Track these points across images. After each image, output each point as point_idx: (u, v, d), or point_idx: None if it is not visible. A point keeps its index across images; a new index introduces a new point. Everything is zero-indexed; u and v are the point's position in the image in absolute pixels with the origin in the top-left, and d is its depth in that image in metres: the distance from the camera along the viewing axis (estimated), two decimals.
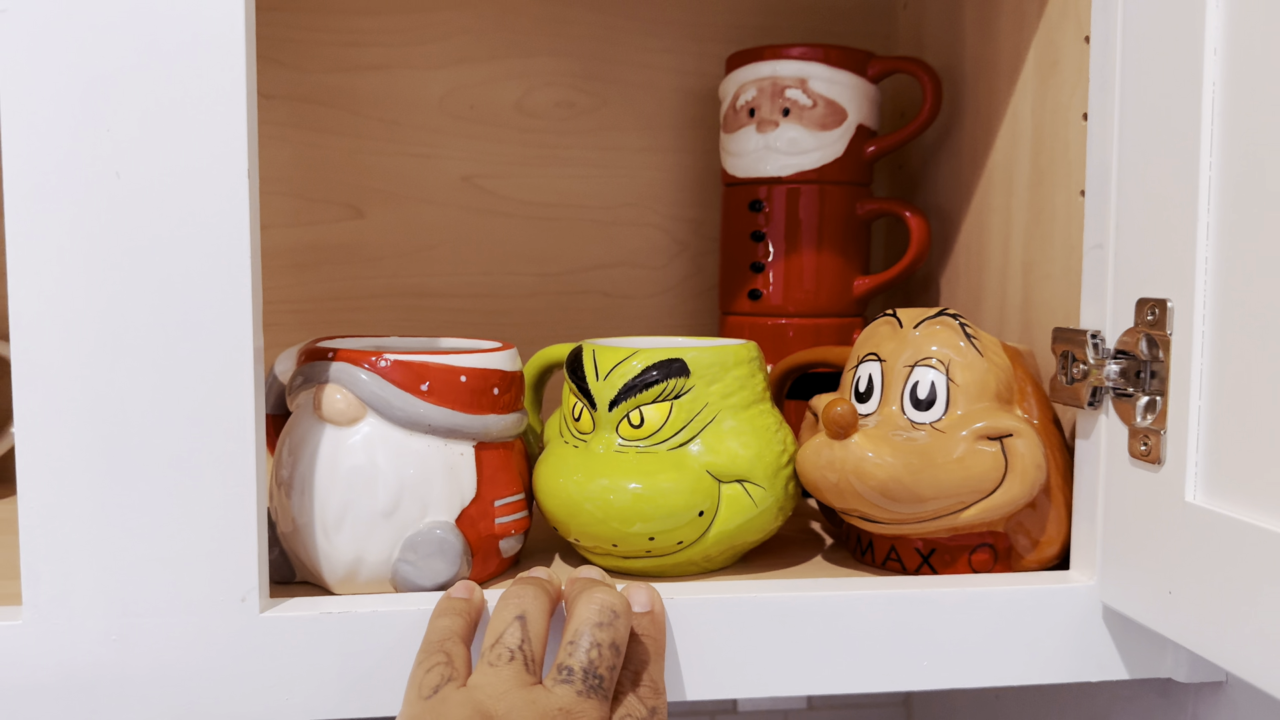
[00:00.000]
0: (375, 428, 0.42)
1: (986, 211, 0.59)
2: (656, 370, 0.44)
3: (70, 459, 0.37)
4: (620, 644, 0.37)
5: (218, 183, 0.37)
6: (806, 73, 0.60)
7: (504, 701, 0.35)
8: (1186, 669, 0.44)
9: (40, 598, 0.38)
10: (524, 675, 0.36)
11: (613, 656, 0.37)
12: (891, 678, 0.43)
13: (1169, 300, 0.38)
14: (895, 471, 0.42)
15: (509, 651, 0.36)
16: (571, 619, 0.38)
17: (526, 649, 0.37)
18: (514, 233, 0.72)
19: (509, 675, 0.36)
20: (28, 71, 0.36)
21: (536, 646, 0.37)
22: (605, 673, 0.36)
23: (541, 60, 0.71)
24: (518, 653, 0.36)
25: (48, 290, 0.37)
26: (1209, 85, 0.37)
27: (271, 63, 0.68)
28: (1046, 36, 0.52)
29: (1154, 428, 0.39)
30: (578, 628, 0.37)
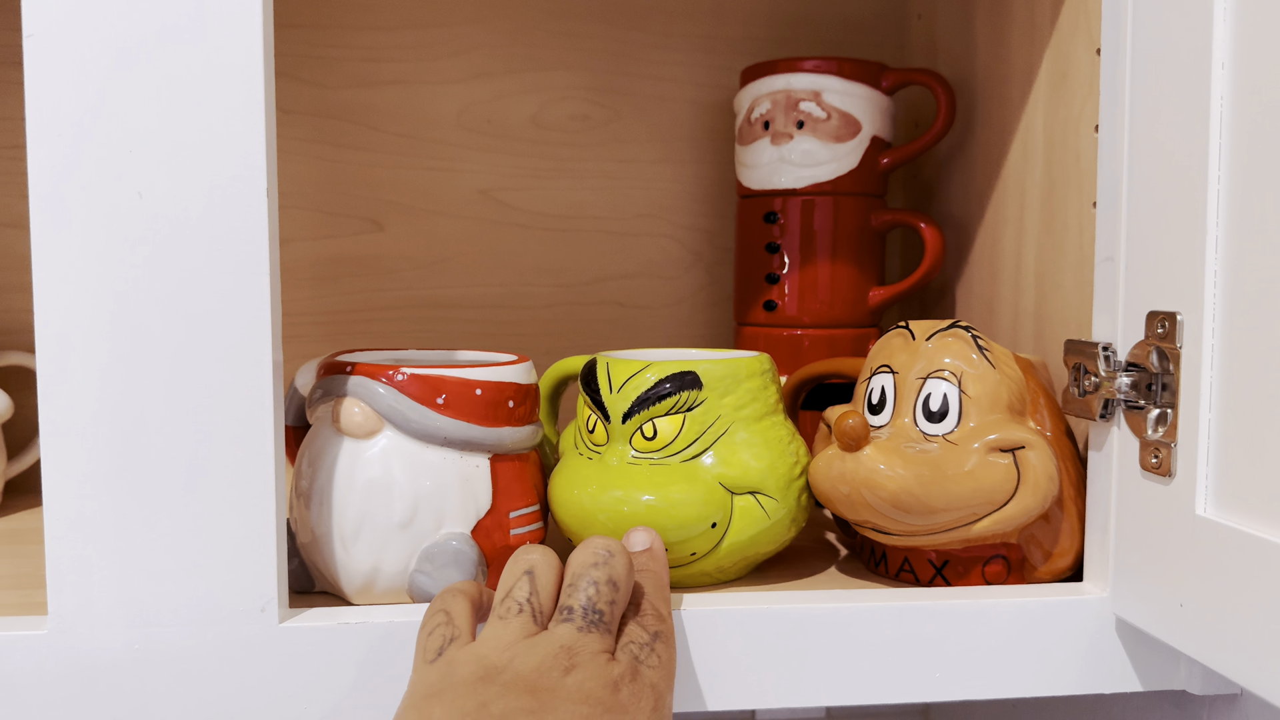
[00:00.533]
0: (392, 440, 0.43)
1: (999, 223, 0.59)
2: (669, 383, 0.45)
3: (94, 471, 0.38)
4: (618, 580, 0.38)
5: (238, 201, 0.38)
6: (821, 85, 0.61)
7: (508, 651, 0.35)
8: (1200, 681, 0.44)
9: (65, 607, 0.38)
10: (531, 626, 0.37)
11: (610, 592, 0.37)
12: (905, 689, 0.43)
13: (1179, 313, 0.38)
14: (907, 483, 0.42)
15: (517, 604, 0.37)
16: (569, 567, 0.39)
17: (535, 601, 0.37)
18: (530, 244, 0.73)
19: (516, 626, 0.36)
20: (53, 95, 0.37)
21: (545, 599, 0.38)
22: (605, 607, 0.37)
23: (556, 74, 0.72)
24: (526, 605, 0.37)
25: (72, 306, 0.38)
26: (1217, 99, 0.37)
27: (291, 79, 0.69)
28: (1058, 49, 0.52)
29: (1165, 440, 0.39)
30: (575, 571, 0.38)
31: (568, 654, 0.35)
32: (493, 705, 0.33)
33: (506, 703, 0.33)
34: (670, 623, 0.39)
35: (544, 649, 0.35)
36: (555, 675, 0.34)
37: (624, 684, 0.35)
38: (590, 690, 0.34)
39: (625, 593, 0.38)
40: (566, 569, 0.39)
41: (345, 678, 0.40)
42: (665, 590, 0.40)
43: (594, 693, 0.34)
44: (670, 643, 0.38)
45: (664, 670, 0.37)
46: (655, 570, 0.41)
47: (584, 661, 0.35)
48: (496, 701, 0.33)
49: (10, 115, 0.67)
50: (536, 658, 0.35)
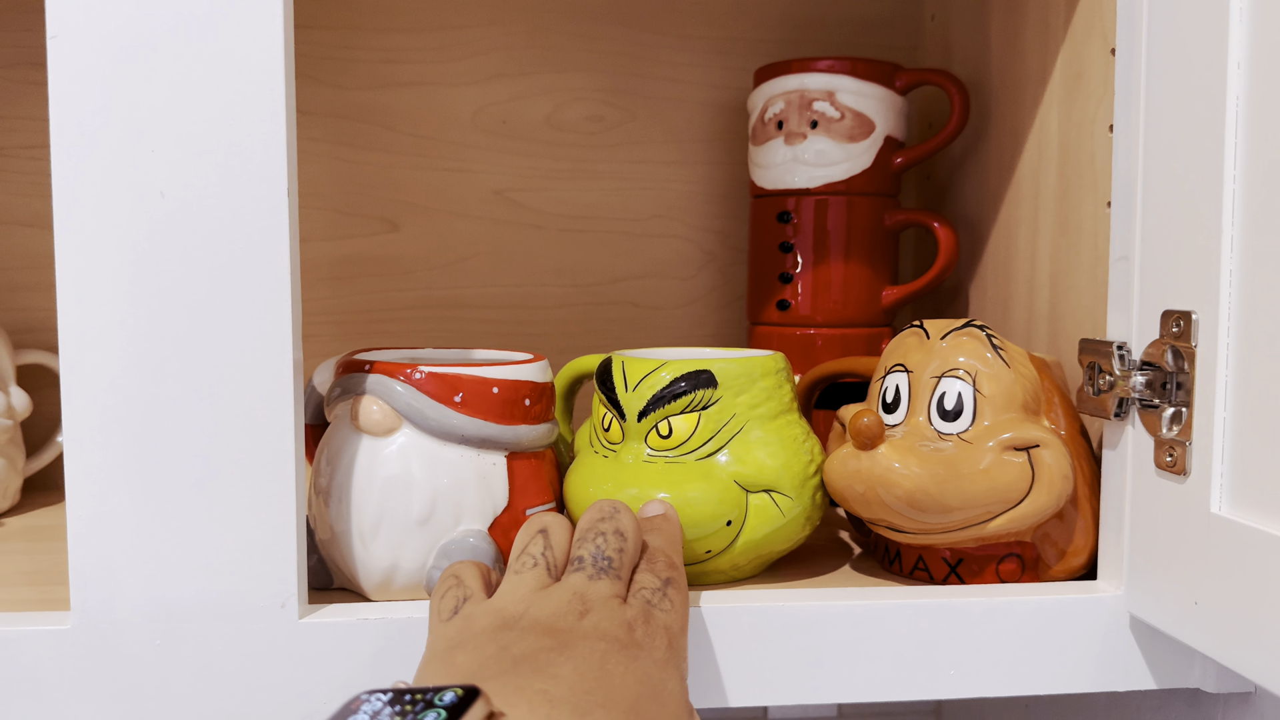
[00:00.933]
0: (410, 438, 0.43)
1: (1014, 223, 0.59)
2: (685, 381, 0.45)
3: (115, 468, 0.39)
4: (625, 531, 0.39)
5: (259, 200, 0.38)
6: (834, 85, 0.61)
7: (524, 602, 0.36)
8: (1214, 679, 0.44)
9: (87, 603, 0.39)
10: (545, 578, 0.38)
11: (618, 541, 0.39)
12: (919, 687, 0.43)
13: (1194, 312, 0.38)
14: (921, 482, 0.43)
15: (532, 559, 0.38)
16: (577, 527, 0.40)
17: (549, 555, 0.39)
18: (545, 245, 0.73)
19: (531, 579, 0.38)
20: (76, 95, 0.37)
21: (559, 555, 0.39)
22: (613, 554, 0.38)
23: (571, 76, 0.72)
24: (540, 559, 0.38)
25: (95, 305, 0.38)
26: (1232, 98, 0.37)
27: (309, 80, 0.70)
28: (1072, 49, 0.52)
29: (1179, 439, 0.39)
30: (583, 527, 0.39)
31: (581, 600, 0.36)
32: (514, 647, 0.34)
33: (527, 643, 0.34)
34: (682, 571, 0.40)
35: (558, 597, 0.36)
36: (571, 619, 0.35)
37: (638, 624, 0.36)
38: (606, 629, 0.35)
39: (633, 543, 0.39)
40: (575, 529, 0.40)
41: (365, 673, 0.40)
42: (677, 545, 0.41)
43: (610, 631, 0.35)
44: (682, 588, 0.39)
45: (677, 613, 0.38)
46: (668, 529, 0.42)
47: (597, 605, 0.36)
48: (517, 644, 0.34)
49: (31, 115, 0.68)
50: (551, 605, 0.36)
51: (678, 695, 0.35)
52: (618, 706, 0.32)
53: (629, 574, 0.39)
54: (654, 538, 0.41)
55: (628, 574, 0.39)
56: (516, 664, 0.33)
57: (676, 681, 0.35)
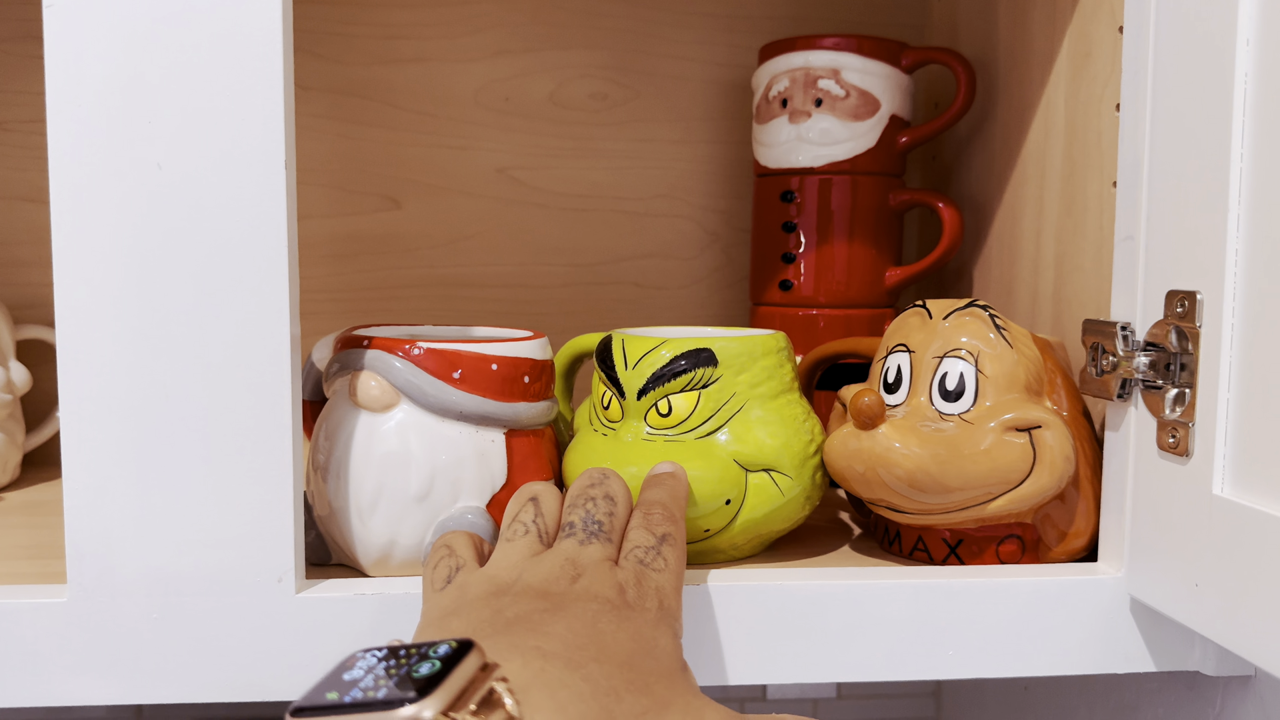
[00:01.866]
0: (409, 414, 0.43)
1: (1019, 203, 0.59)
2: (685, 360, 0.45)
3: (113, 442, 0.38)
4: (614, 495, 0.40)
5: (256, 174, 0.38)
6: (839, 63, 0.61)
7: (516, 569, 0.37)
8: (1214, 662, 0.44)
9: (84, 576, 0.39)
10: (537, 545, 0.38)
11: (608, 505, 0.39)
12: (917, 667, 0.43)
13: (1198, 292, 0.38)
14: (922, 462, 0.42)
15: (524, 526, 0.39)
16: (567, 495, 0.41)
17: (540, 523, 0.39)
18: (547, 224, 0.73)
19: (522, 546, 0.38)
20: (73, 66, 0.37)
21: (550, 522, 0.39)
22: (603, 518, 0.39)
23: (575, 53, 0.72)
24: (531, 526, 0.39)
25: (92, 279, 0.38)
26: (1241, 76, 0.36)
27: (310, 55, 0.70)
28: (1080, 27, 0.52)
29: (1182, 420, 0.39)
30: (573, 494, 0.40)
31: (572, 565, 0.36)
32: (507, 610, 0.34)
33: (520, 606, 0.34)
34: (681, 526, 0.40)
35: (550, 562, 0.37)
36: (563, 584, 0.36)
37: (629, 586, 0.36)
38: (598, 591, 0.35)
39: (624, 506, 0.40)
40: (566, 496, 0.41)
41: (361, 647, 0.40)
42: (681, 500, 0.42)
43: (601, 593, 0.35)
44: (678, 545, 0.39)
45: (670, 572, 0.38)
46: (671, 483, 0.42)
47: (588, 569, 0.36)
48: (510, 607, 0.34)
49: (30, 89, 0.67)
50: (544, 570, 0.36)
51: (670, 651, 0.35)
52: (611, 660, 0.32)
53: (620, 536, 0.39)
54: (655, 491, 0.41)
55: (619, 536, 0.39)
56: (510, 625, 0.33)
57: (669, 639, 0.35)
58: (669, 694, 0.32)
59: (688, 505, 0.44)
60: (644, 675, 0.32)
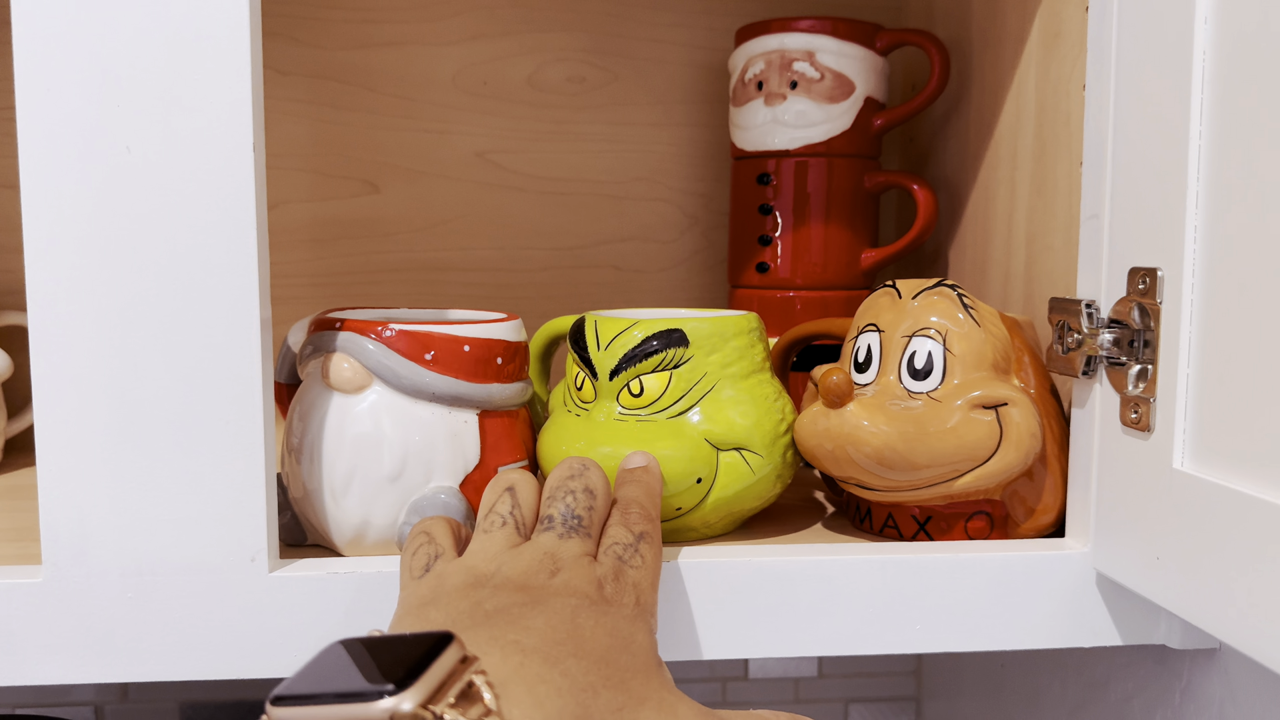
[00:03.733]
0: (381, 395, 0.43)
1: (992, 184, 0.59)
2: (656, 340, 0.45)
3: (86, 424, 0.39)
4: (594, 489, 0.40)
5: (225, 156, 0.38)
6: (814, 45, 0.61)
7: (494, 561, 0.37)
8: (1180, 636, 0.44)
9: (59, 557, 0.39)
10: (514, 537, 0.38)
11: (588, 499, 0.39)
12: (886, 641, 0.44)
13: (1159, 269, 0.39)
14: (890, 439, 0.43)
15: (500, 518, 0.39)
16: (546, 484, 0.40)
17: (517, 514, 0.39)
18: (526, 207, 0.73)
19: (500, 538, 0.38)
20: (41, 52, 0.37)
21: (527, 513, 0.39)
22: (583, 513, 0.39)
23: (553, 36, 0.72)
24: (509, 518, 0.39)
25: (63, 263, 0.38)
26: (1199, 54, 0.37)
27: (288, 40, 0.70)
28: (1050, 8, 0.52)
29: (1144, 396, 0.40)
30: (552, 485, 0.40)
31: (551, 559, 0.37)
32: (486, 603, 0.35)
33: (499, 599, 0.35)
34: (658, 524, 0.40)
35: (529, 555, 0.37)
36: (542, 577, 0.36)
37: (608, 581, 0.36)
38: (576, 586, 0.35)
39: (603, 499, 0.40)
40: (545, 486, 0.41)
41: (335, 626, 0.41)
42: (656, 497, 0.42)
43: (580, 588, 0.35)
44: (655, 543, 0.39)
45: (647, 569, 0.38)
46: (647, 480, 0.42)
47: (567, 564, 0.36)
48: (489, 600, 0.35)
49: (5, 75, 0.67)
50: (523, 563, 0.36)
51: (647, 647, 0.35)
52: (588, 656, 0.32)
53: (599, 531, 0.39)
54: (632, 489, 0.41)
55: (598, 531, 0.39)
56: (489, 618, 0.34)
57: (645, 635, 0.36)
58: (644, 690, 0.33)
59: (663, 487, 0.44)
60: (620, 671, 0.33)
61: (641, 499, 0.41)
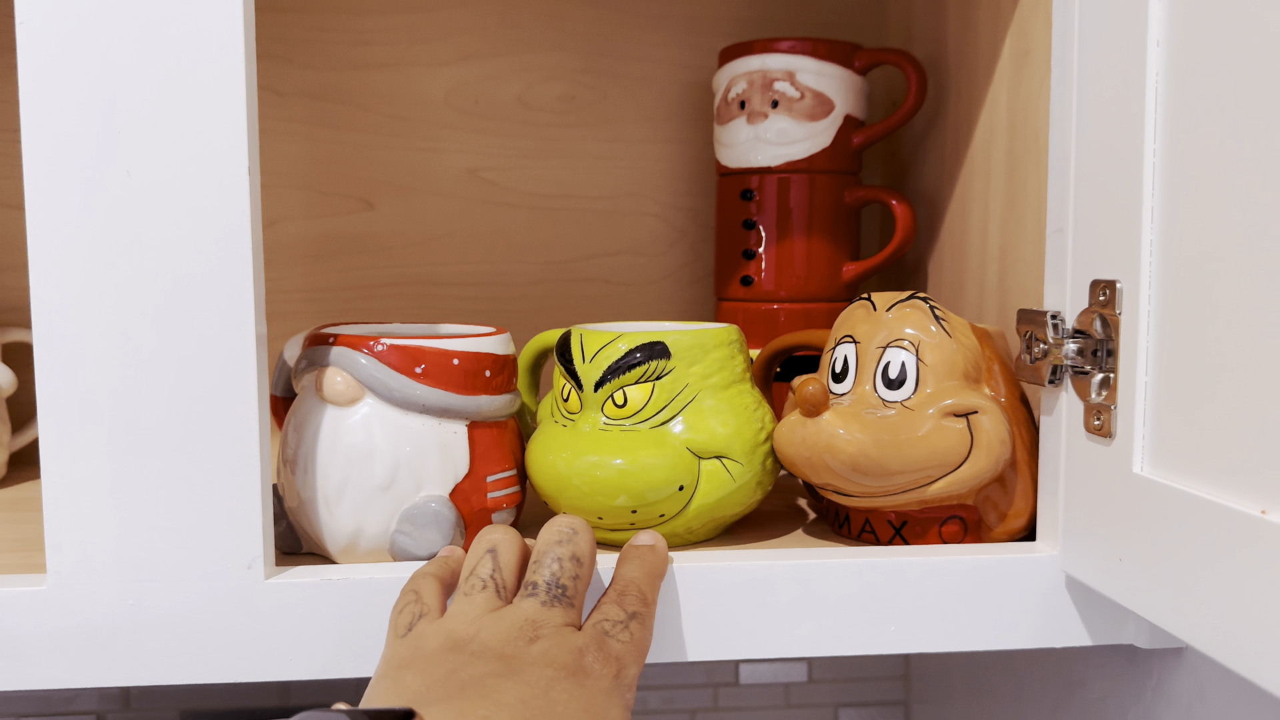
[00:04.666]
0: (373, 408, 0.45)
1: (967, 199, 0.61)
2: (639, 352, 0.47)
3: (89, 436, 0.40)
4: (582, 556, 0.40)
5: (221, 178, 0.40)
6: (794, 65, 0.62)
7: (474, 625, 0.37)
8: (1147, 636, 0.46)
9: (62, 564, 0.41)
10: (495, 600, 0.39)
11: (574, 567, 0.39)
12: (863, 642, 0.45)
13: (1118, 281, 0.40)
14: (864, 447, 0.44)
15: (481, 581, 0.39)
16: (535, 545, 0.41)
17: (498, 577, 0.39)
18: (518, 223, 0.74)
19: (480, 601, 0.38)
20: (44, 76, 0.39)
21: (508, 575, 0.40)
22: (568, 582, 0.39)
23: (543, 55, 0.73)
24: (489, 581, 0.39)
25: (66, 280, 0.40)
26: (1152, 74, 0.38)
27: (284, 62, 0.71)
28: (1020, 27, 0.54)
29: (1106, 403, 0.41)
30: (540, 549, 0.40)
31: (532, 626, 0.37)
32: (462, 671, 0.35)
33: (475, 668, 0.35)
34: (652, 608, 0.40)
35: (509, 621, 0.37)
36: (520, 645, 0.36)
37: (588, 651, 0.37)
38: (555, 656, 0.36)
39: (588, 568, 0.40)
40: (534, 547, 0.41)
41: (329, 631, 0.42)
42: (656, 580, 0.42)
43: (558, 658, 0.36)
44: (646, 625, 0.39)
45: (633, 646, 0.38)
46: (651, 560, 0.42)
47: (548, 633, 0.37)
48: (465, 668, 0.35)
49: (7, 99, 0.69)
50: (502, 630, 0.37)
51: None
52: None
53: (582, 600, 0.40)
54: (633, 567, 0.42)
55: (581, 600, 0.39)
56: (464, 688, 0.34)
57: (620, 710, 0.36)
58: None
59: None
60: None
61: (640, 582, 0.41)
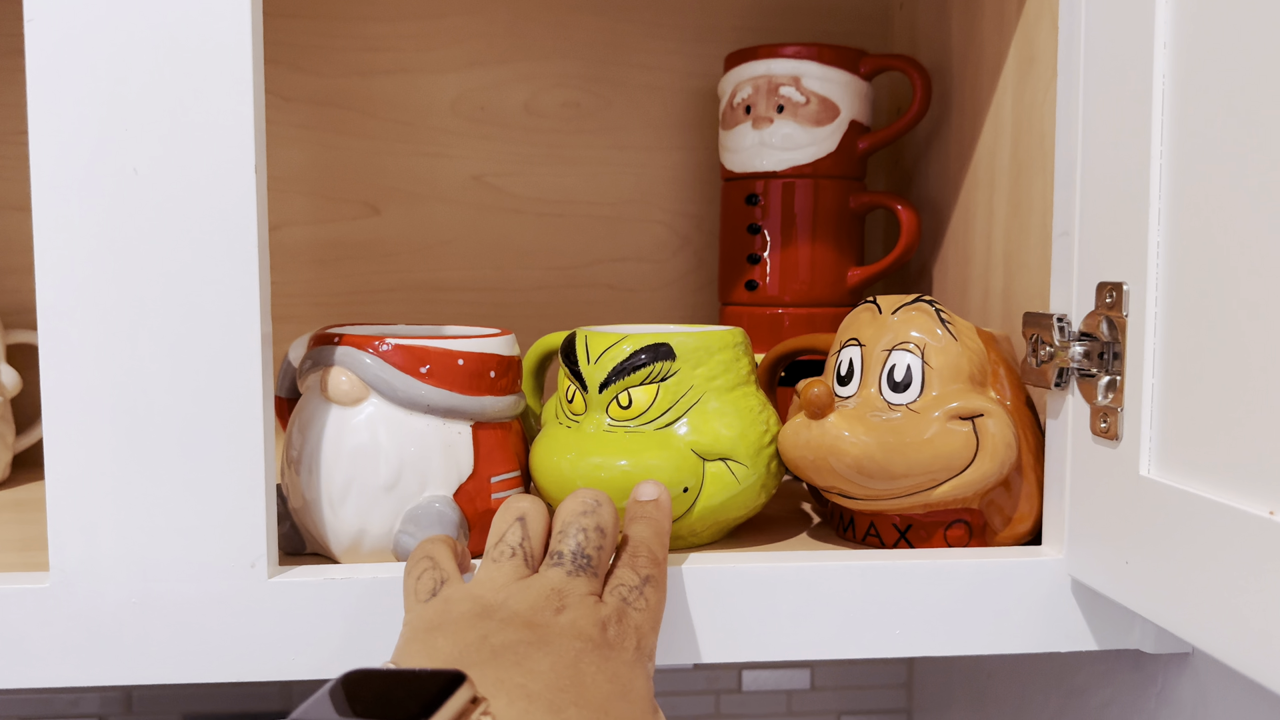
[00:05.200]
0: (378, 408, 0.45)
1: (972, 204, 0.61)
2: (644, 354, 0.47)
3: (94, 436, 0.40)
4: (605, 527, 0.40)
5: (228, 178, 0.40)
6: (800, 71, 0.63)
7: (502, 592, 0.38)
8: (1153, 640, 0.46)
9: (66, 563, 0.41)
10: (523, 569, 0.39)
11: (599, 538, 0.40)
12: (867, 645, 0.45)
13: (1125, 284, 0.40)
14: (869, 449, 0.44)
15: (510, 548, 0.40)
16: (558, 515, 0.41)
17: (526, 545, 0.40)
18: (523, 229, 0.75)
19: (509, 569, 0.39)
20: (52, 75, 0.39)
21: (536, 544, 0.40)
22: (593, 552, 0.39)
23: (549, 63, 0.74)
24: (518, 549, 0.40)
25: (72, 280, 0.40)
26: (1159, 77, 0.38)
27: (291, 68, 0.72)
28: (1025, 33, 0.54)
29: (1113, 405, 0.41)
30: (564, 519, 0.40)
31: (558, 596, 0.38)
32: (493, 637, 0.36)
33: (506, 635, 0.36)
34: (663, 567, 0.41)
35: (536, 590, 0.38)
36: (548, 614, 0.37)
37: (611, 624, 0.37)
38: (581, 628, 0.36)
39: (612, 539, 0.41)
40: (556, 517, 0.41)
41: (332, 630, 0.42)
42: (664, 537, 0.42)
43: (585, 630, 0.36)
44: (660, 586, 0.40)
45: (650, 613, 0.39)
46: (657, 518, 0.43)
47: (573, 603, 0.37)
48: (496, 634, 0.36)
49: (14, 102, 0.69)
50: (530, 598, 0.37)
51: (644, 694, 0.37)
52: (589, 705, 0.34)
53: (606, 570, 0.40)
54: (642, 527, 0.42)
55: (604, 570, 0.40)
56: (496, 655, 0.35)
57: (644, 680, 0.37)
58: None
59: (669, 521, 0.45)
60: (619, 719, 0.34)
61: (650, 541, 0.41)
